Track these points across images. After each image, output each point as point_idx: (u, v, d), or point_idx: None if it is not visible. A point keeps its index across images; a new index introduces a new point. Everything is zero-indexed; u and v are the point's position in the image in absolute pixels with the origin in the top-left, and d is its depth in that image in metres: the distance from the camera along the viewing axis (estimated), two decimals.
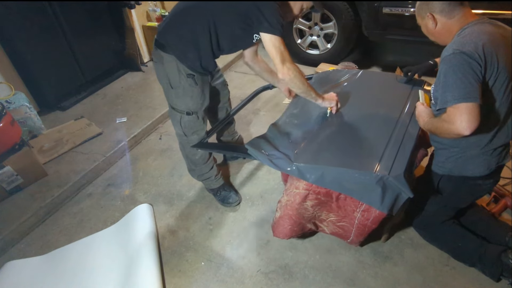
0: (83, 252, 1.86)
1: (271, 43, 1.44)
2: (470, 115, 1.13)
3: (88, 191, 2.31)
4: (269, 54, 1.47)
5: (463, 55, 1.14)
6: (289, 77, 1.47)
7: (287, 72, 1.46)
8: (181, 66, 1.58)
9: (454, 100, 1.15)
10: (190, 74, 1.60)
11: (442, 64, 1.21)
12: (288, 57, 1.47)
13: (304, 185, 1.42)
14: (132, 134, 2.70)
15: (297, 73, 1.48)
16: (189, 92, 1.65)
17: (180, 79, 1.61)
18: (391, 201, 1.31)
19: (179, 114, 1.74)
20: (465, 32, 1.21)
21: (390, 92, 1.75)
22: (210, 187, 2.10)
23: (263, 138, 1.55)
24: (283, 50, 1.45)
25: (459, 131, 1.15)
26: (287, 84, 1.55)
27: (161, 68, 1.64)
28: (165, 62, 1.60)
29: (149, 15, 3.78)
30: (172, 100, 1.73)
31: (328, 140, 1.49)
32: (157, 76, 1.73)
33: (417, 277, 1.62)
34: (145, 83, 3.52)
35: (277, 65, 1.47)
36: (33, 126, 2.66)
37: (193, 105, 1.71)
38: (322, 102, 1.61)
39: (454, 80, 1.15)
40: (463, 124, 1.14)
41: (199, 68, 1.61)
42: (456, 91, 1.14)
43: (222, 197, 2.08)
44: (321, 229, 1.66)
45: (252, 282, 1.66)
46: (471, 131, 1.14)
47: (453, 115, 1.16)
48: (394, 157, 1.33)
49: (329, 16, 3.24)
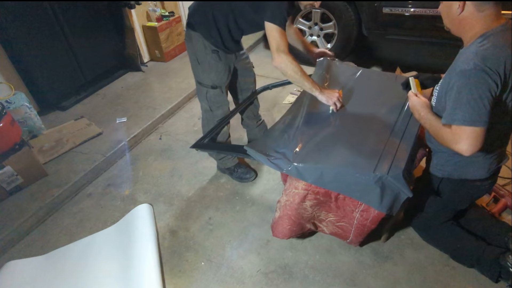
0: (83, 252, 1.86)
1: (270, 32, 1.53)
2: (476, 140, 1.10)
3: (88, 191, 2.31)
4: (268, 41, 1.56)
5: (484, 73, 1.07)
6: (281, 66, 1.55)
7: (279, 61, 1.53)
8: (207, 43, 1.74)
9: (464, 122, 1.11)
10: (215, 50, 1.75)
11: (458, 77, 1.12)
12: (283, 47, 1.53)
13: (303, 185, 1.42)
14: (132, 134, 2.70)
15: (288, 62, 1.53)
16: (213, 67, 1.80)
17: (206, 55, 1.77)
18: (390, 201, 1.32)
19: (205, 88, 1.88)
20: (489, 42, 1.11)
21: (389, 91, 1.75)
22: (226, 166, 2.21)
23: (262, 139, 1.55)
24: (279, 40, 1.52)
25: (460, 151, 1.13)
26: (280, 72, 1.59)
27: (190, 46, 1.80)
28: (193, 40, 1.76)
29: (149, 15, 3.78)
30: (199, 75, 1.87)
31: (327, 140, 1.49)
32: (188, 54, 1.88)
33: (417, 277, 1.62)
34: (145, 83, 3.53)
35: (272, 54, 1.55)
36: (33, 126, 2.66)
37: (217, 79, 1.85)
38: (319, 94, 1.61)
39: (468, 99, 1.09)
40: (466, 147, 1.11)
41: (222, 46, 1.76)
42: (468, 113, 1.10)
43: (239, 174, 2.23)
44: (321, 229, 1.66)
45: (252, 282, 1.66)
46: (471, 154, 1.12)
47: (458, 135, 1.13)
48: (393, 157, 1.33)
49: (329, 16, 3.24)
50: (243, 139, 2.62)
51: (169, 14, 3.86)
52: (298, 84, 1.60)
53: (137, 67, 3.72)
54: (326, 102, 1.62)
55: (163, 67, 3.82)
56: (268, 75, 3.56)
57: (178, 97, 3.17)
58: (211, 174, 2.35)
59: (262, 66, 3.73)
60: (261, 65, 3.75)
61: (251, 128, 2.35)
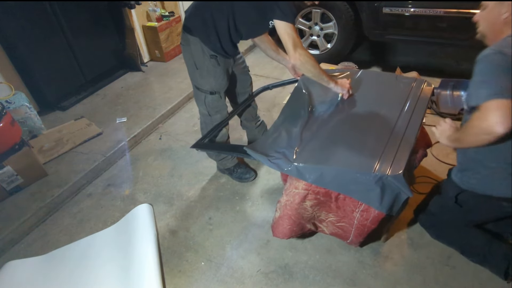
0: (83, 252, 1.86)
1: (284, 30, 1.53)
2: (505, 112, 1.08)
3: (88, 191, 2.31)
4: (282, 40, 1.56)
5: (502, 55, 1.13)
6: (300, 62, 1.56)
7: (298, 57, 1.55)
8: (205, 48, 1.70)
9: (489, 96, 1.11)
10: (213, 55, 1.72)
11: (478, 64, 1.18)
12: (299, 43, 1.56)
13: (303, 185, 1.42)
14: (132, 134, 2.70)
15: (308, 58, 1.56)
16: (212, 72, 1.77)
17: (204, 60, 1.74)
18: (390, 201, 1.31)
19: (203, 94, 1.86)
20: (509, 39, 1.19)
21: (390, 92, 1.75)
22: (226, 167, 2.20)
23: (262, 139, 1.55)
24: (295, 37, 1.54)
25: (492, 128, 1.10)
26: (299, 68, 1.64)
27: (188, 50, 1.76)
28: (191, 44, 1.72)
29: (149, 15, 3.78)
30: (197, 80, 1.84)
31: (327, 140, 1.49)
32: (184, 58, 1.85)
33: (417, 277, 1.62)
34: (145, 83, 3.53)
35: (289, 51, 1.56)
36: (33, 126, 2.66)
37: (216, 85, 1.83)
38: (334, 86, 1.68)
39: (490, 77, 1.14)
40: (496, 119, 1.09)
41: (221, 50, 1.73)
42: (492, 88, 1.11)
43: (239, 174, 2.22)
44: (321, 229, 1.66)
45: (252, 282, 1.66)
46: (504, 129, 1.08)
47: (486, 111, 1.12)
48: (393, 156, 1.33)
49: (329, 16, 3.24)
50: (242, 139, 2.62)
51: (169, 14, 3.86)
52: (316, 78, 1.64)
53: (137, 67, 3.72)
54: (341, 92, 1.70)
55: (163, 67, 3.82)
56: (268, 75, 3.56)
57: (178, 97, 3.17)
58: (211, 174, 2.35)
59: (262, 66, 3.73)
60: (261, 65, 3.75)
61: (250, 129, 2.35)
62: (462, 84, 2.74)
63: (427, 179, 2.09)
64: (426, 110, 1.59)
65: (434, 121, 2.62)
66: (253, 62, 3.78)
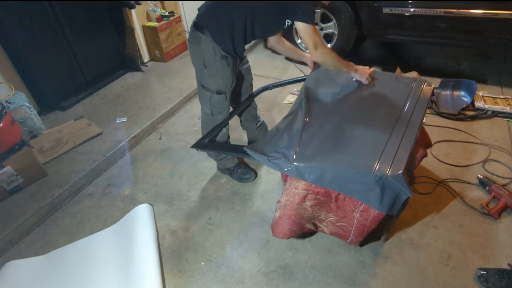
0: (83, 252, 1.86)
1: (305, 31, 1.59)
2: None
3: (88, 191, 2.31)
4: (303, 40, 1.64)
5: None
6: (322, 60, 1.67)
7: (320, 56, 1.65)
8: (217, 48, 1.70)
9: None
10: (224, 55, 1.72)
11: None
12: (320, 42, 1.63)
13: (303, 185, 1.42)
14: (132, 134, 2.70)
15: (328, 55, 1.65)
16: (221, 72, 1.77)
17: (214, 60, 1.73)
18: (390, 201, 1.32)
19: (210, 93, 1.86)
20: None
21: (390, 91, 1.75)
22: (226, 167, 2.21)
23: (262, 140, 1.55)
24: (316, 37, 1.61)
25: None
26: (321, 64, 1.79)
27: (197, 49, 1.74)
28: (202, 43, 1.70)
29: (149, 15, 3.78)
30: (204, 80, 1.83)
31: (326, 140, 1.49)
32: (191, 56, 1.83)
33: (417, 277, 1.62)
34: (145, 83, 3.53)
35: (310, 50, 1.64)
36: (33, 126, 2.66)
37: (223, 85, 1.83)
38: (355, 74, 1.77)
39: None
40: None
41: (232, 51, 1.73)
42: None
43: (239, 174, 2.22)
44: (321, 229, 1.66)
45: (252, 282, 1.66)
46: None
47: None
48: (393, 156, 1.33)
49: (329, 16, 3.24)
50: (243, 139, 2.62)
51: (169, 14, 3.86)
52: (337, 70, 1.75)
53: (137, 67, 3.72)
54: (360, 78, 1.78)
55: (163, 67, 3.82)
56: (268, 75, 3.57)
57: (178, 97, 3.17)
58: (211, 174, 2.35)
59: (262, 66, 3.73)
60: (261, 65, 3.75)
61: (250, 130, 2.35)
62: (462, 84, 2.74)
63: (427, 179, 2.09)
64: (426, 110, 1.59)
65: (434, 121, 2.62)
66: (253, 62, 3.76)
